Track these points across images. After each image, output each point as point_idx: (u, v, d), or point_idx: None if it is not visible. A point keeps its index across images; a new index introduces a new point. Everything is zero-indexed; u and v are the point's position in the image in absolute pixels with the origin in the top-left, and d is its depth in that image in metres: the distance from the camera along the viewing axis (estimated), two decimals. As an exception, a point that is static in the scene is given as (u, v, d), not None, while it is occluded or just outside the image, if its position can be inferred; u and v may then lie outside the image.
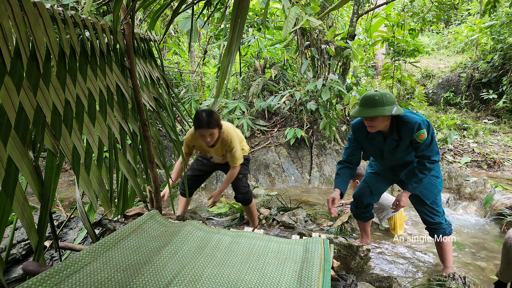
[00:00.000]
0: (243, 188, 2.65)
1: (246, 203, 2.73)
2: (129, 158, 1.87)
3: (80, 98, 1.53)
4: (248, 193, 2.69)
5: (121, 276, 1.23)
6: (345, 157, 2.30)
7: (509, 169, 5.08)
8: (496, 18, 7.38)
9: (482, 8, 7.85)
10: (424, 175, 2.05)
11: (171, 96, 2.21)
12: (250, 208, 2.79)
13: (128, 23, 1.73)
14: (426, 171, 2.04)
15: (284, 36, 2.74)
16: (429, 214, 2.23)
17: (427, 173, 2.04)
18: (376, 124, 1.97)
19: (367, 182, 2.43)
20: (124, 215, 2.01)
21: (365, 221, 2.59)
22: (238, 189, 2.64)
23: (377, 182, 2.39)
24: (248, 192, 2.69)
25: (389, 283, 1.95)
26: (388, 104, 1.90)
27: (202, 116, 2.13)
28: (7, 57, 1.19)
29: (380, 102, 1.89)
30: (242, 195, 2.66)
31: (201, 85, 6.73)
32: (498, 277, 1.64)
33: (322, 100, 4.91)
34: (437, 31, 12.68)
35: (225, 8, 5.08)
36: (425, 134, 1.95)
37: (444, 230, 2.23)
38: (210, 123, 2.13)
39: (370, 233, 2.74)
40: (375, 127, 1.99)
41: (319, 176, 5.07)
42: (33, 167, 1.29)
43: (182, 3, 1.12)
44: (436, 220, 2.22)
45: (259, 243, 1.63)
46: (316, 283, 1.25)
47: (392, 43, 5.67)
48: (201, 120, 2.13)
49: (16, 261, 1.81)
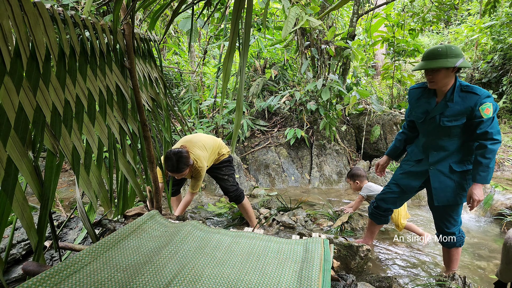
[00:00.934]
0: (231, 187, 2.75)
1: (238, 201, 2.80)
2: (129, 158, 1.87)
3: (80, 98, 1.53)
4: (238, 190, 2.78)
5: (121, 276, 1.23)
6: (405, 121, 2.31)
7: (509, 169, 5.08)
8: (496, 18, 7.38)
9: (482, 8, 7.84)
10: (488, 159, 1.82)
11: (167, 96, 2.22)
12: (244, 206, 2.84)
13: (128, 23, 1.73)
14: (489, 154, 1.81)
15: (284, 36, 2.74)
16: (445, 221, 2.10)
17: (491, 157, 1.81)
18: (438, 78, 1.84)
19: (398, 185, 2.27)
20: (124, 215, 2.01)
21: (378, 223, 2.50)
22: (227, 189, 2.75)
23: (409, 180, 2.21)
24: (237, 190, 2.77)
25: (389, 283, 1.95)
26: (453, 56, 1.77)
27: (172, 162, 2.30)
28: (7, 57, 1.19)
29: (444, 54, 1.78)
30: (233, 193, 2.75)
31: (201, 85, 6.73)
32: (498, 277, 1.63)
33: (322, 100, 4.91)
34: (437, 31, 12.68)
35: (225, 8, 5.08)
36: (491, 109, 1.79)
37: (456, 243, 2.13)
38: (180, 168, 2.32)
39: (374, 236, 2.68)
40: (436, 82, 1.87)
41: (319, 176, 5.07)
42: (32, 167, 1.28)
43: (182, 3, 1.12)
44: (450, 230, 2.10)
45: (259, 243, 1.63)
46: (316, 283, 1.25)
47: (392, 43, 5.68)
48: (169, 166, 2.32)
49: (16, 261, 1.81)
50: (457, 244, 2.14)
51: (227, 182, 2.74)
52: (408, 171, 2.21)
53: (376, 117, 5.58)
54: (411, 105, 2.13)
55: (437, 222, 2.17)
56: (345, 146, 5.51)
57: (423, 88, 2.07)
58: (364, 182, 3.15)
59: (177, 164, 2.29)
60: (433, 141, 2.04)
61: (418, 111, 2.06)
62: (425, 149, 2.11)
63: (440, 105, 1.93)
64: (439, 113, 1.93)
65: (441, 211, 2.09)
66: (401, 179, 2.25)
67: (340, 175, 5.13)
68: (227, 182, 2.74)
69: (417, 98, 2.08)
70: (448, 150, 2.00)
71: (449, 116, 1.91)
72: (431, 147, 2.07)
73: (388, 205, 2.35)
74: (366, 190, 3.07)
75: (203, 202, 4.00)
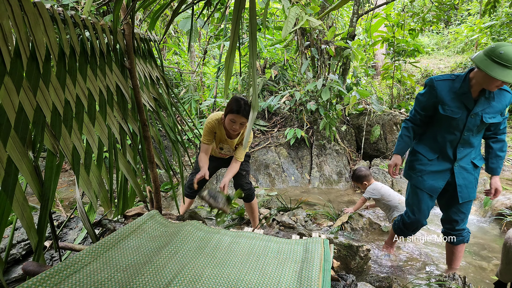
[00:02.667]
0: (246, 185, 2.66)
1: (249, 200, 2.72)
2: (129, 158, 1.87)
3: (80, 98, 1.53)
4: (251, 189, 2.70)
5: (121, 276, 1.23)
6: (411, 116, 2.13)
7: (509, 169, 5.08)
8: (496, 18, 7.39)
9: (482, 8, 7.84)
10: (505, 153, 1.98)
11: (170, 96, 2.21)
12: (252, 205, 2.79)
13: (128, 23, 1.73)
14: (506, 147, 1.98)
15: (284, 36, 2.74)
16: (458, 219, 2.09)
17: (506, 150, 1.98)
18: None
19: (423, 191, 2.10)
20: (124, 215, 2.00)
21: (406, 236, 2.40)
22: (242, 185, 2.63)
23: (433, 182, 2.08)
24: (251, 189, 2.69)
25: (389, 283, 1.95)
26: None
27: (243, 104, 2.12)
28: (7, 57, 1.19)
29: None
30: (246, 191, 2.66)
31: (201, 85, 6.73)
32: (498, 277, 1.64)
33: (322, 100, 4.91)
34: (437, 31, 12.68)
35: (225, 8, 5.08)
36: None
37: (463, 238, 2.14)
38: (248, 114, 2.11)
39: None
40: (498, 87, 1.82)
41: (319, 176, 5.07)
42: (33, 167, 1.28)
43: (182, 3, 1.12)
44: (462, 226, 2.11)
45: (259, 243, 1.63)
46: (316, 283, 1.25)
47: (392, 43, 5.68)
48: (241, 107, 2.12)
49: (16, 261, 1.81)
50: (465, 239, 2.15)
51: (243, 179, 2.62)
52: (430, 171, 2.08)
53: (376, 117, 5.58)
54: (443, 98, 1.96)
55: (449, 220, 2.13)
56: (345, 146, 5.51)
57: (452, 81, 1.97)
58: (371, 181, 3.12)
59: (244, 106, 2.13)
60: (466, 137, 1.99)
61: (453, 105, 1.95)
62: (451, 146, 2.03)
63: (482, 101, 1.90)
64: (481, 110, 1.91)
65: (458, 208, 2.08)
66: (423, 182, 2.09)
67: (340, 175, 5.13)
68: (243, 179, 2.62)
69: (453, 91, 1.95)
70: (474, 146, 2.02)
71: (490, 113, 1.92)
72: (461, 143, 2.01)
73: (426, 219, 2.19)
74: (369, 193, 3.05)
75: (203, 202, 4.00)
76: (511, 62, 1.66)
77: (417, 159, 2.14)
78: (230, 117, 2.19)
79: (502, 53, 1.67)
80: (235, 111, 2.14)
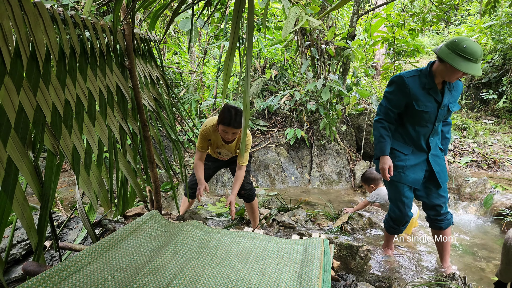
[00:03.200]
0: (247, 185, 2.66)
1: (249, 200, 2.72)
2: (129, 158, 1.87)
3: (80, 98, 1.53)
4: (252, 189, 2.70)
5: (121, 276, 1.23)
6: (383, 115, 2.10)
7: (509, 169, 5.08)
8: (496, 18, 7.38)
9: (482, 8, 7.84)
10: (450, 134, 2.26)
11: (170, 96, 2.21)
12: (252, 205, 2.78)
13: (128, 23, 1.73)
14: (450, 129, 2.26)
15: (284, 36, 2.74)
16: (440, 203, 2.15)
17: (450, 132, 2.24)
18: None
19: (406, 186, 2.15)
20: (124, 215, 2.01)
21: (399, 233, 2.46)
22: (243, 185, 2.62)
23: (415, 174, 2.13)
24: (252, 189, 2.69)
25: (389, 283, 1.95)
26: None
27: (233, 115, 2.09)
28: (7, 57, 1.19)
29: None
30: (247, 191, 2.66)
31: (201, 85, 6.73)
32: (498, 277, 1.63)
33: (322, 100, 4.91)
34: (437, 31, 12.68)
35: (225, 8, 5.08)
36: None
37: (449, 221, 2.23)
38: (240, 124, 2.10)
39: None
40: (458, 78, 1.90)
41: (319, 176, 5.07)
42: (33, 167, 1.28)
43: (182, 3, 1.12)
44: (444, 210, 2.18)
45: (259, 243, 1.63)
46: (316, 283, 1.25)
47: (392, 43, 5.67)
48: (231, 118, 2.10)
49: (16, 261, 1.81)
50: (451, 221, 2.24)
51: (245, 179, 2.59)
52: (410, 166, 2.11)
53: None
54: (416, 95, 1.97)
55: (433, 206, 2.19)
56: (345, 146, 5.51)
57: (418, 76, 1.99)
58: (379, 185, 3.09)
59: (235, 117, 2.09)
60: (436, 128, 2.12)
61: (425, 100, 1.98)
62: (424, 138, 2.11)
63: (446, 92, 2.01)
64: (447, 100, 2.03)
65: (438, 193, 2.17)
66: (406, 177, 2.12)
67: (340, 175, 5.13)
68: (245, 179, 2.59)
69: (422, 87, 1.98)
70: (439, 134, 2.19)
71: (453, 102, 2.07)
72: (432, 134, 2.11)
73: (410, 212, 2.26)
74: (373, 197, 3.05)
75: (203, 202, 4.00)
76: (474, 55, 1.73)
77: (394, 156, 2.15)
78: (221, 128, 2.18)
79: (466, 47, 1.74)
80: (226, 123, 2.12)
